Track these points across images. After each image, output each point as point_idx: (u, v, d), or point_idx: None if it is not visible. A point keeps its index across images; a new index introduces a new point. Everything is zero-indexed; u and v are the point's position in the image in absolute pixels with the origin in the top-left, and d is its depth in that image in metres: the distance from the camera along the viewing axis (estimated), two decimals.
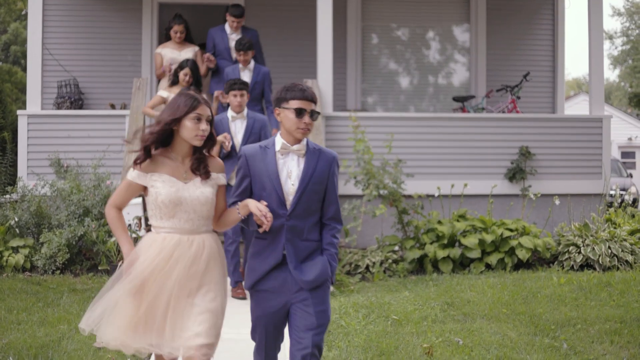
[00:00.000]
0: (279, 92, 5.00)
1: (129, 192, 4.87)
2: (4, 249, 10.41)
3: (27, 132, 12.24)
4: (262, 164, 4.94)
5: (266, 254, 4.96)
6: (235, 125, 9.23)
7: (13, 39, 31.63)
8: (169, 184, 4.79)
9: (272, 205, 4.86)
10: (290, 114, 4.90)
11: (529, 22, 14.91)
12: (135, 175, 4.82)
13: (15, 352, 6.72)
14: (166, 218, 4.81)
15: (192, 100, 4.80)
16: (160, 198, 4.76)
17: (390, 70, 14.80)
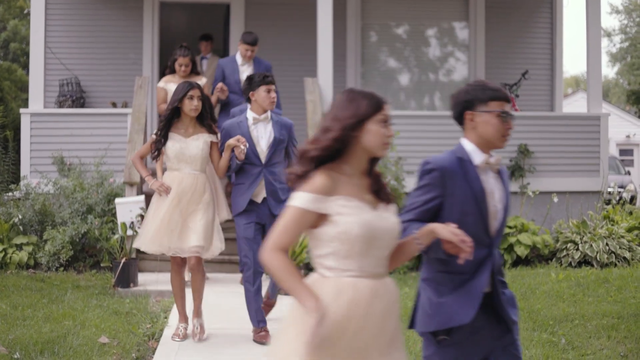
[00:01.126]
0: (466, 92, 4.17)
1: (301, 225, 3.50)
2: (8, 247, 10.50)
3: (29, 131, 12.31)
4: (465, 182, 4.03)
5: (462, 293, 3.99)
6: (257, 130, 7.40)
7: (12, 37, 31.66)
8: (359, 210, 3.54)
9: (473, 231, 3.85)
10: (493, 118, 4.08)
11: (528, 20, 14.99)
12: (312, 199, 3.47)
13: (21, 348, 6.80)
14: (356, 257, 3.50)
15: (376, 99, 3.68)
16: (355, 231, 3.46)
17: (390, 68, 14.88)
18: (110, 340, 7.20)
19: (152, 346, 7.20)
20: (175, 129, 7.38)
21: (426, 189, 3.99)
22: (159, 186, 7.30)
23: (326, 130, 3.58)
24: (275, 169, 7.39)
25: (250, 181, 7.34)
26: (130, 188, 10.36)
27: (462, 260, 3.66)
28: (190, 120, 7.39)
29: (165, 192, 7.25)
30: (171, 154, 7.34)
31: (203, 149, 7.36)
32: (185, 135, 7.37)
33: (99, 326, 7.61)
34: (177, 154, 7.31)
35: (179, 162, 7.34)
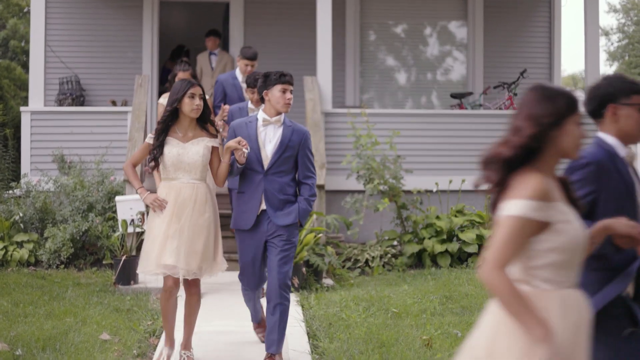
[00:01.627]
0: (608, 85, 4.06)
1: (523, 237, 3.17)
2: (9, 244, 10.54)
3: (30, 129, 12.35)
4: (618, 176, 3.99)
5: None
6: (266, 132, 6.60)
7: (11, 35, 31.63)
8: (574, 216, 3.33)
9: None
10: (635, 112, 4.02)
11: (526, 19, 15.03)
12: (534, 206, 3.15)
13: (23, 344, 6.84)
14: (572, 269, 3.28)
15: (574, 98, 3.42)
16: (580, 240, 3.25)
17: (388, 67, 14.92)
18: (112, 337, 7.24)
19: (153, 343, 7.24)
20: (172, 132, 6.49)
21: (581, 183, 3.89)
22: (153, 200, 6.41)
23: (518, 130, 3.33)
24: (279, 178, 6.49)
25: (251, 190, 6.52)
26: (131, 186, 10.40)
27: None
28: (189, 122, 6.51)
29: (159, 208, 6.38)
30: (168, 161, 6.45)
31: (204, 155, 6.47)
32: (184, 140, 6.49)
33: (100, 323, 7.65)
34: (174, 161, 6.43)
35: (177, 170, 6.45)
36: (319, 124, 11.28)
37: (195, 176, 6.47)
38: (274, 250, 6.43)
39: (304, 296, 9.00)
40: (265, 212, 6.47)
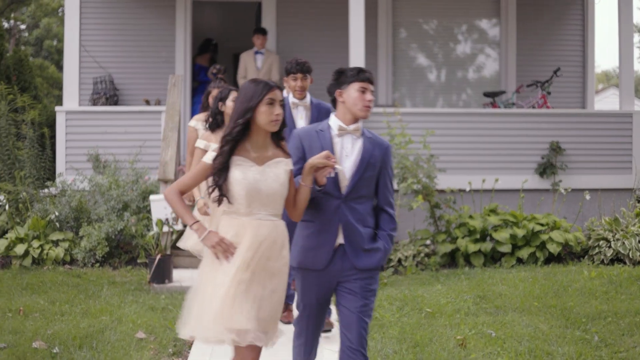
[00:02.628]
0: None
1: None
2: (45, 243, 10.63)
3: (65, 128, 12.45)
4: None
5: None
6: (343, 144, 5.13)
7: (45, 34, 31.89)
8: None
9: None
10: None
11: (559, 17, 14.95)
12: None
13: (60, 342, 6.91)
14: None
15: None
16: None
17: (420, 66, 14.89)
18: (147, 335, 7.30)
19: (188, 342, 7.28)
20: (243, 151, 4.74)
21: None
22: (217, 244, 4.63)
23: None
24: (359, 205, 5.09)
25: (325, 220, 5.07)
26: (165, 185, 10.46)
27: None
28: (264, 137, 4.80)
29: (225, 255, 4.64)
30: (240, 191, 4.68)
31: (284, 182, 4.80)
32: (259, 162, 4.75)
33: (135, 322, 7.71)
34: (249, 190, 4.68)
35: (252, 204, 4.69)
36: None
37: (275, 210, 4.76)
38: (351, 298, 5.04)
39: None
40: (342, 248, 5.06)
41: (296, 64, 7.47)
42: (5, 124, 12.00)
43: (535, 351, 6.77)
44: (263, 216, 4.71)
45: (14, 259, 10.51)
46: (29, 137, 12.00)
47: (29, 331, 7.28)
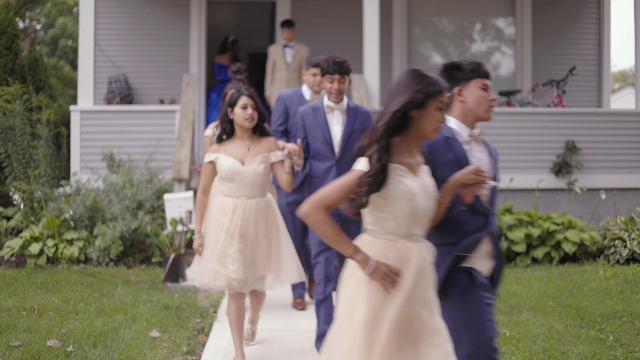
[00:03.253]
0: None
1: None
2: (59, 242, 10.66)
3: (79, 128, 12.47)
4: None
5: None
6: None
7: (60, 34, 31.98)
8: None
9: None
10: None
11: (575, 15, 14.90)
12: None
13: (75, 341, 6.93)
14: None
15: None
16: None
17: (435, 64, 14.85)
18: (161, 334, 7.31)
19: (202, 340, 7.28)
20: (397, 156, 3.91)
21: None
22: (387, 274, 3.85)
23: None
24: None
25: None
26: (179, 184, 10.48)
27: None
28: (417, 144, 4.07)
29: (392, 284, 3.85)
30: (406, 208, 3.89)
31: (435, 195, 4.19)
32: (413, 170, 3.99)
33: (149, 320, 7.73)
34: (414, 205, 3.91)
35: (413, 222, 3.92)
36: None
37: (424, 231, 4.04)
38: None
39: None
40: None
41: (334, 64, 6.59)
42: (20, 123, 12.04)
43: (549, 351, 6.74)
44: (420, 237, 3.98)
45: (28, 258, 10.54)
46: (44, 136, 12.04)
47: (43, 330, 7.30)
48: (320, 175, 6.68)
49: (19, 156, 11.99)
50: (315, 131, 6.72)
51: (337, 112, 6.75)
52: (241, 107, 6.34)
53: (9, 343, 6.83)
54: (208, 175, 6.47)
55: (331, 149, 6.66)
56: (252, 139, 6.45)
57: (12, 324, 7.45)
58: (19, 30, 14.26)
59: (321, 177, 6.66)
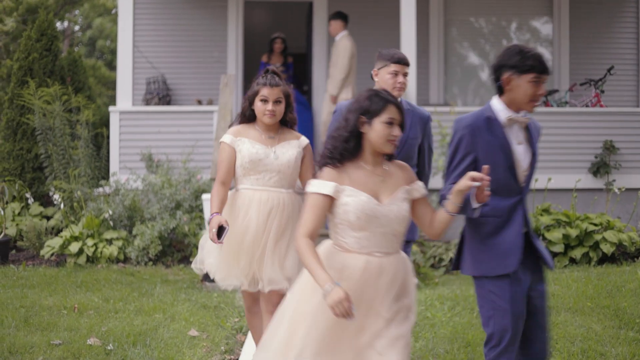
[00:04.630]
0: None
1: None
2: (99, 241, 10.76)
3: (118, 128, 12.59)
4: None
5: None
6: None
7: (98, 34, 32.23)
8: None
9: None
10: None
11: (613, 14, 14.79)
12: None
13: (114, 339, 7.00)
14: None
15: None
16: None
17: (472, 64, 14.82)
18: (200, 333, 7.37)
19: (240, 340, 7.33)
20: None
21: None
22: None
23: None
24: None
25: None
26: None
27: None
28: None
29: None
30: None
31: None
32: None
33: (188, 319, 7.79)
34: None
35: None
36: None
37: None
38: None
39: None
40: None
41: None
42: (60, 124, 12.17)
43: (588, 352, 6.71)
44: None
45: (68, 257, 10.65)
46: (84, 137, 12.15)
47: (83, 328, 7.38)
48: None
49: (59, 156, 12.11)
50: None
51: None
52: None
53: (50, 341, 6.92)
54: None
55: None
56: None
57: (52, 323, 7.54)
58: (58, 32, 14.40)
59: None
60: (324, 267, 4.00)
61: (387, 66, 5.73)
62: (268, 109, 5.53)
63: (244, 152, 5.54)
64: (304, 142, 5.72)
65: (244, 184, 5.60)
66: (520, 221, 4.56)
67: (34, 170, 12.65)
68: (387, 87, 5.54)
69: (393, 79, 5.69)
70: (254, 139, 5.60)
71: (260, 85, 5.57)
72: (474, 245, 4.65)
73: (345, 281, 4.11)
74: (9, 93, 12.96)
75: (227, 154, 5.59)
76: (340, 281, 4.06)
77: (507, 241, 4.51)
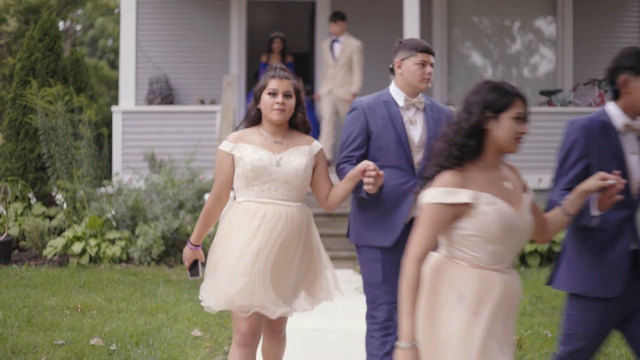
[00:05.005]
0: None
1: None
2: (101, 241, 10.75)
3: (121, 128, 12.59)
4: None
5: None
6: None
7: (100, 34, 32.22)
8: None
9: None
10: None
11: (617, 14, 14.76)
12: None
13: (117, 340, 6.98)
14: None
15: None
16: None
17: (476, 64, 14.81)
18: (203, 333, 7.35)
19: None
20: None
21: None
22: None
23: None
24: None
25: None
26: None
27: None
28: None
29: None
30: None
31: None
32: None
33: (191, 319, 7.77)
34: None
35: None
36: None
37: None
38: None
39: None
40: None
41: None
42: (62, 124, 12.15)
43: None
44: None
45: (71, 257, 10.65)
46: (86, 136, 12.14)
47: (86, 328, 7.37)
48: None
49: (62, 156, 12.10)
50: None
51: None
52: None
53: (53, 341, 6.90)
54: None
55: None
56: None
57: (55, 323, 7.53)
58: (61, 32, 14.39)
59: None
60: (413, 317, 3.48)
61: (414, 56, 5.08)
62: (277, 102, 4.74)
63: (246, 160, 4.74)
64: (316, 148, 4.94)
65: (246, 196, 4.80)
66: (628, 237, 4.21)
67: (36, 170, 12.63)
68: (414, 80, 5.03)
69: (421, 70, 5.06)
70: (257, 144, 4.79)
71: (268, 77, 4.83)
72: (574, 261, 4.32)
73: (486, 303, 3.54)
74: (12, 93, 12.94)
75: (224, 163, 4.84)
76: (480, 302, 3.53)
77: (613, 260, 4.18)
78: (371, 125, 5.01)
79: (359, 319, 5.67)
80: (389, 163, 4.95)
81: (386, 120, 5.01)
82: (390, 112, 5.04)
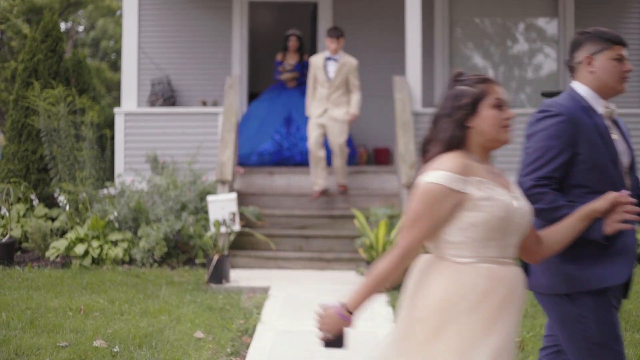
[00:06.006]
0: None
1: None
2: (104, 243, 10.76)
3: (123, 129, 12.61)
4: None
5: None
6: None
7: (101, 35, 32.25)
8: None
9: None
10: None
11: (619, 15, 14.76)
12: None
13: (120, 341, 6.99)
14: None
15: None
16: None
17: (477, 65, 14.81)
18: (205, 335, 7.36)
19: (246, 342, 7.31)
20: None
21: None
22: None
23: None
24: None
25: None
26: (222, 186, 10.54)
27: None
28: None
29: None
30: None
31: None
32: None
33: (193, 321, 7.78)
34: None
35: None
36: (408, 124, 11.25)
37: None
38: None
39: (394, 296, 8.99)
40: None
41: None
42: (64, 125, 12.17)
43: None
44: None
45: (73, 259, 10.66)
46: (88, 138, 12.16)
47: (89, 330, 7.38)
48: None
49: (64, 158, 12.11)
50: None
51: None
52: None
53: (56, 343, 6.91)
54: None
55: None
56: None
57: (58, 324, 7.54)
58: (62, 33, 14.41)
59: None
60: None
61: (610, 49, 4.12)
62: (505, 117, 3.45)
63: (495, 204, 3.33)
64: None
65: None
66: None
67: (38, 172, 12.64)
68: (612, 80, 4.08)
69: (619, 67, 4.11)
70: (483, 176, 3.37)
71: (483, 82, 3.61)
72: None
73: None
74: (14, 94, 12.96)
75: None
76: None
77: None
78: (580, 139, 3.91)
79: (363, 320, 5.67)
80: (601, 189, 3.87)
81: (593, 133, 3.94)
82: (596, 123, 3.99)
